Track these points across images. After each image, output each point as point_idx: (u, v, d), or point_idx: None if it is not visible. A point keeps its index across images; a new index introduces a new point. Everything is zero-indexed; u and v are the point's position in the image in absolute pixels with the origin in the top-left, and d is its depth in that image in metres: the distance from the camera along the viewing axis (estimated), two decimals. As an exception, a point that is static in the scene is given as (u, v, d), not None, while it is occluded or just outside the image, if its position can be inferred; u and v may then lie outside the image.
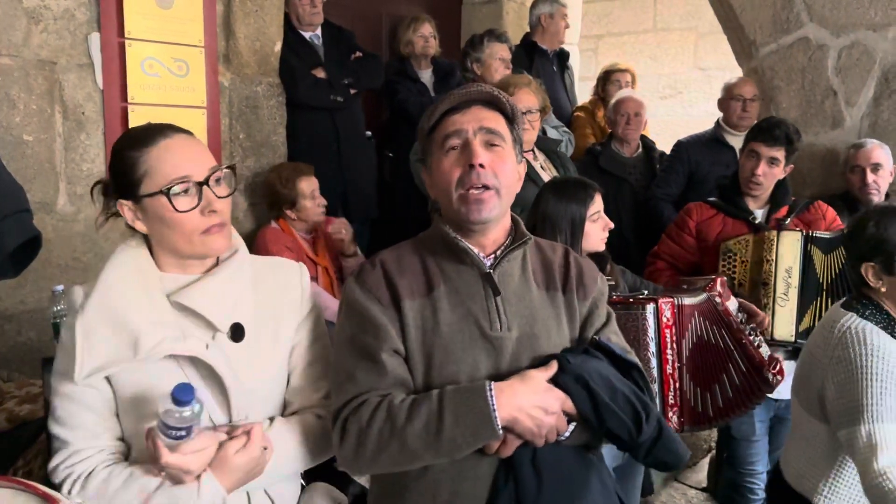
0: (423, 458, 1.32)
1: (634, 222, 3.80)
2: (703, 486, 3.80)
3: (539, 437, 1.32)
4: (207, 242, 1.38)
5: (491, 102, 1.44)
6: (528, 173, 2.90)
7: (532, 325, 1.41)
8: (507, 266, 1.44)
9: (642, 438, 1.35)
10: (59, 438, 1.35)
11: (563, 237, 2.21)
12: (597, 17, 7.38)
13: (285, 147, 3.46)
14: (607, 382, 1.35)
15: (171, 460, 1.24)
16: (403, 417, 1.30)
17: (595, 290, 1.51)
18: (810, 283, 2.52)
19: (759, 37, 3.58)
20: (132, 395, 1.35)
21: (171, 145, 1.35)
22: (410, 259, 1.46)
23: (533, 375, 1.34)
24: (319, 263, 3.26)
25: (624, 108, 3.92)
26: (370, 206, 3.93)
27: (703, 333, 2.16)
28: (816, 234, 2.57)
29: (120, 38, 2.83)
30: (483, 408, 1.28)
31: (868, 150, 3.10)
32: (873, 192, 3.08)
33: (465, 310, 1.40)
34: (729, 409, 2.15)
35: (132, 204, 1.36)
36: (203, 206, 1.35)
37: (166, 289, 1.38)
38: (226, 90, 3.19)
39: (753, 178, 2.68)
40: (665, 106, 7.11)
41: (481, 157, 1.38)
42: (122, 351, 1.31)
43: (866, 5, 3.26)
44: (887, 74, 3.23)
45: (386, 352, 1.36)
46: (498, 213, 1.42)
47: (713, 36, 6.33)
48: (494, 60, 3.92)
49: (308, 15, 3.58)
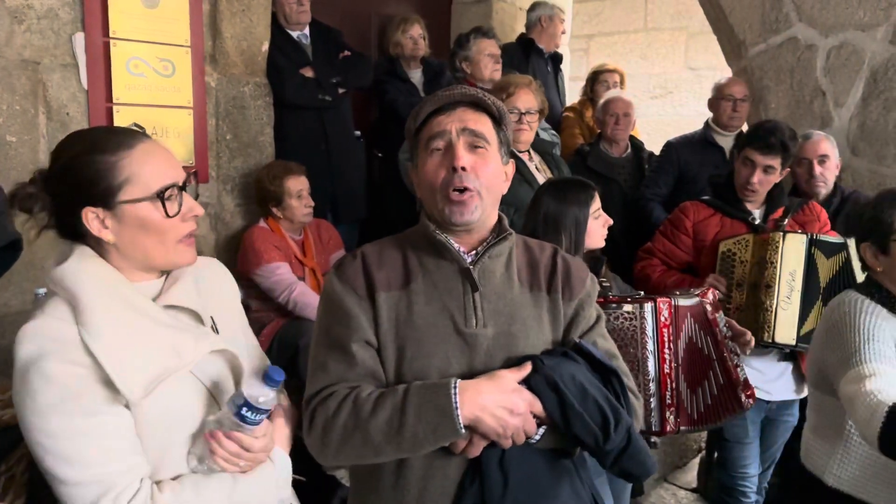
0: (386, 452, 1.31)
1: (623, 223, 3.79)
2: (692, 486, 3.80)
3: (504, 438, 1.31)
4: (182, 252, 1.34)
5: (476, 104, 1.44)
6: (524, 174, 2.92)
7: (510, 324, 1.40)
8: (490, 263, 1.43)
9: (609, 447, 1.33)
10: (82, 484, 1.17)
11: (568, 238, 2.22)
12: (587, 16, 7.39)
13: (273, 147, 3.44)
14: (579, 387, 1.33)
15: (261, 445, 1.27)
16: (368, 410, 1.30)
17: (582, 291, 1.49)
18: (812, 287, 2.51)
19: (749, 37, 3.58)
20: (160, 408, 1.24)
21: (151, 149, 1.30)
22: (392, 252, 1.46)
23: (502, 375, 1.33)
24: (307, 265, 3.25)
25: (613, 109, 3.92)
26: (359, 207, 3.91)
27: (693, 336, 2.16)
28: (821, 237, 2.55)
29: (105, 38, 2.80)
30: (445, 405, 1.28)
31: (815, 141, 3.06)
32: (820, 184, 3.04)
33: (441, 304, 1.40)
34: (704, 417, 2.15)
35: (102, 211, 1.26)
36: (184, 211, 1.32)
37: (148, 295, 1.34)
38: (212, 90, 3.17)
39: (749, 185, 2.66)
40: (655, 106, 7.12)
41: (464, 159, 1.38)
42: (167, 360, 1.24)
43: (855, 6, 3.26)
44: (876, 75, 3.24)
45: (357, 342, 1.37)
46: (480, 215, 1.42)
47: (703, 36, 6.34)
48: (483, 56, 3.91)
49: (295, 14, 3.56)
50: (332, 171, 3.67)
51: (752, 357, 2.66)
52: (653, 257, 2.86)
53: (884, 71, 3.21)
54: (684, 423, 2.13)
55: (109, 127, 1.41)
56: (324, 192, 3.52)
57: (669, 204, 3.76)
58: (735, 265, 2.63)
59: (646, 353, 2.08)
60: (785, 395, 2.71)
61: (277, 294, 3.06)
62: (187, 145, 3.07)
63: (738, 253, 2.64)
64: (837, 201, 3.09)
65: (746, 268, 2.61)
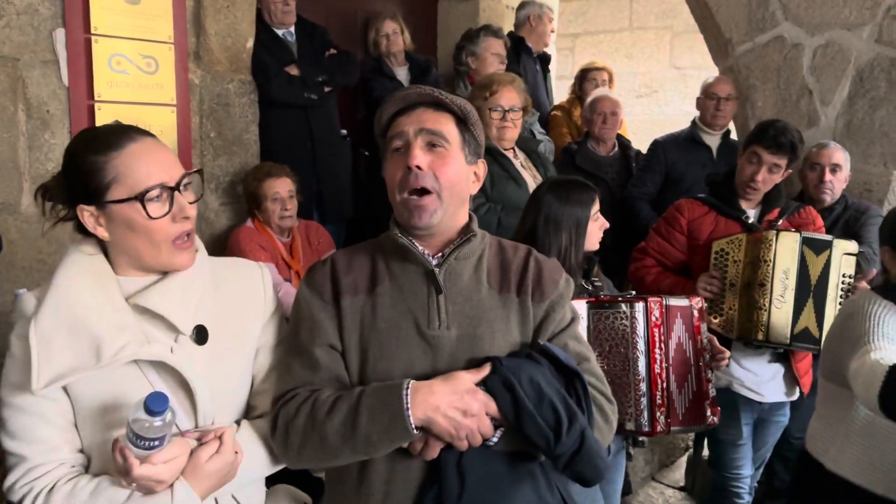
0: (343, 453, 1.32)
1: (611, 221, 3.77)
2: (680, 485, 3.81)
3: (458, 440, 1.30)
4: (175, 256, 1.35)
5: (437, 104, 1.43)
6: (509, 171, 2.91)
7: (475, 326, 1.40)
8: (456, 265, 1.43)
9: (559, 450, 1.31)
10: (14, 454, 1.29)
11: (568, 238, 2.21)
12: (573, 15, 7.39)
13: (258, 146, 3.40)
14: (536, 388, 1.31)
15: (143, 472, 1.21)
16: (324, 412, 1.31)
17: (554, 292, 1.47)
18: (804, 285, 2.52)
19: (735, 35, 3.58)
20: (93, 404, 1.30)
21: (141, 150, 1.31)
22: (361, 258, 1.48)
23: (458, 376, 1.32)
24: (293, 267, 3.21)
25: (600, 108, 3.92)
26: (345, 206, 3.88)
27: (680, 336, 2.16)
28: (811, 235, 2.57)
29: (86, 34, 2.75)
30: (397, 406, 1.27)
31: (831, 150, 3.10)
32: (827, 191, 3.08)
33: (405, 307, 1.40)
34: (684, 420, 2.14)
35: (95, 209, 1.31)
36: (175, 212, 1.32)
37: (125, 291, 1.34)
38: (196, 88, 3.12)
39: (753, 183, 2.65)
40: (641, 105, 7.14)
41: (418, 158, 1.37)
42: (84, 358, 1.26)
43: (840, 4, 3.27)
44: (861, 74, 3.25)
45: (320, 346, 1.38)
46: (442, 216, 1.41)
47: (688, 35, 6.37)
48: (489, 55, 3.95)
49: (280, 14, 3.53)
50: (318, 170, 3.64)
51: (746, 359, 2.67)
52: (646, 257, 2.84)
53: (869, 70, 3.22)
54: (675, 423, 2.12)
55: (113, 125, 1.40)
56: (310, 190, 3.50)
57: (657, 203, 3.76)
58: (728, 264, 2.63)
59: (637, 353, 2.08)
60: (777, 396, 2.71)
61: (263, 294, 3.02)
62: (171, 143, 3.02)
63: (731, 252, 2.64)
64: (840, 209, 3.12)
65: (739, 267, 2.60)
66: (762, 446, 2.86)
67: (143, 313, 1.33)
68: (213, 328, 1.39)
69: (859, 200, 3.20)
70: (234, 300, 1.45)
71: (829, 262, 2.52)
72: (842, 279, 2.53)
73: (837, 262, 2.52)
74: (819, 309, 2.51)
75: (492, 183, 2.86)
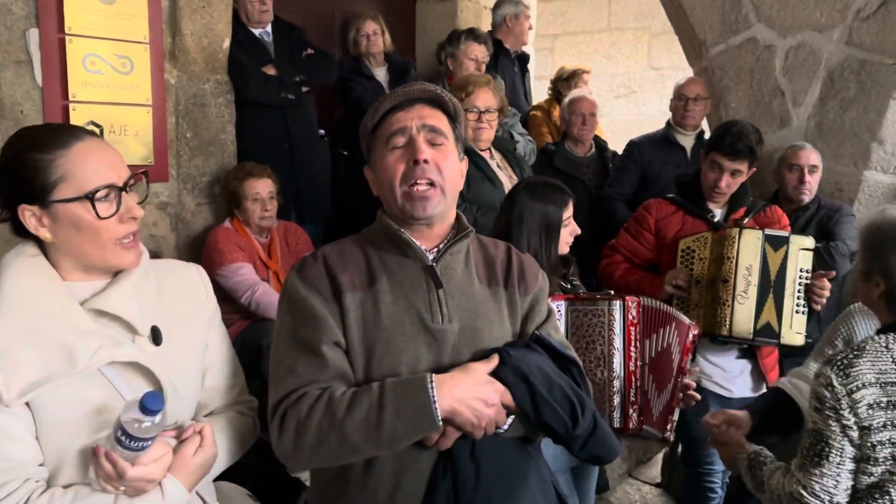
0: (364, 450, 1.32)
1: (588, 222, 3.82)
2: (657, 481, 3.84)
3: (479, 430, 1.34)
4: (120, 255, 1.33)
5: (434, 101, 1.47)
6: (485, 172, 2.92)
7: (474, 319, 1.43)
8: (450, 260, 1.46)
9: (578, 432, 1.38)
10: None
11: (538, 238, 2.23)
12: (552, 16, 7.43)
13: (234, 146, 3.39)
14: (546, 376, 1.37)
15: (136, 473, 1.21)
16: (343, 409, 1.30)
17: (536, 286, 1.54)
18: (765, 281, 2.57)
19: (709, 37, 3.62)
20: (60, 413, 1.25)
21: (89, 149, 1.29)
22: (353, 252, 1.47)
23: (475, 368, 1.36)
24: (271, 267, 3.21)
25: (579, 109, 3.95)
26: (324, 206, 3.88)
27: (670, 345, 2.18)
28: (771, 232, 2.62)
29: (60, 34, 2.74)
30: (423, 399, 1.29)
31: (807, 151, 3.19)
32: (806, 191, 3.17)
33: (407, 302, 1.41)
34: (652, 422, 2.17)
35: (38, 209, 1.27)
36: (122, 212, 1.31)
37: (77, 297, 1.31)
38: (172, 88, 3.11)
39: (717, 189, 2.70)
40: (619, 105, 7.19)
41: (426, 152, 1.40)
42: (55, 365, 1.23)
43: (811, 7, 3.32)
44: (832, 75, 3.30)
45: (327, 344, 1.36)
46: (442, 209, 1.44)
47: (665, 36, 6.41)
48: (467, 59, 3.97)
49: (257, 14, 3.51)
50: (296, 170, 3.64)
51: (713, 354, 2.71)
52: (616, 254, 2.88)
53: (840, 71, 3.27)
54: (648, 422, 2.14)
55: (55, 124, 1.39)
56: (287, 191, 3.49)
57: (633, 203, 3.79)
58: (694, 262, 2.68)
59: (612, 351, 2.10)
60: (745, 392, 2.76)
61: (240, 294, 3.02)
62: (146, 144, 3.02)
63: (696, 250, 2.68)
64: (814, 208, 3.21)
65: (705, 264, 2.65)
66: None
67: (98, 317, 1.31)
68: (165, 329, 1.39)
69: (832, 200, 3.26)
70: (179, 301, 1.45)
71: (786, 258, 2.57)
72: (799, 273, 2.59)
73: (795, 258, 2.58)
74: (778, 303, 2.56)
75: (468, 183, 2.87)
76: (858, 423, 1.55)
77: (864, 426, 1.55)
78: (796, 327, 2.57)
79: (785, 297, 2.57)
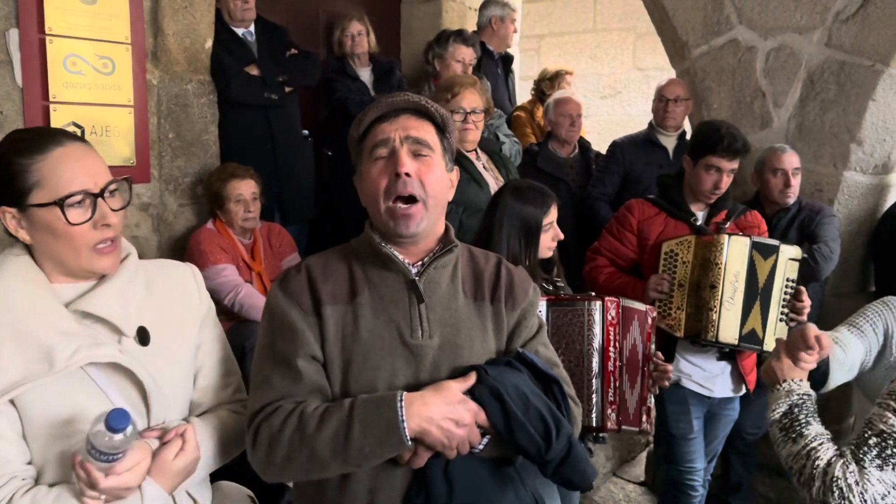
0: (332, 466, 1.31)
1: (572, 222, 3.84)
2: (640, 480, 3.87)
3: (450, 449, 1.32)
4: (95, 261, 1.34)
5: (420, 111, 1.43)
6: (471, 173, 2.93)
7: (455, 335, 1.40)
8: (435, 274, 1.43)
9: (550, 456, 1.34)
10: None
11: (517, 241, 2.23)
12: (538, 16, 7.44)
13: (217, 146, 3.38)
14: (522, 396, 1.34)
15: (109, 484, 1.21)
16: (314, 425, 1.29)
17: (525, 300, 1.50)
18: (752, 288, 2.58)
19: (691, 38, 3.64)
20: (45, 414, 1.27)
21: (66, 155, 1.30)
22: (337, 265, 1.44)
23: (448, 386, 1.33)
24: (254, 269, 3.21)
25: (566, 110, 3.96)
26: (307, 207, 3.88)
27: (636, 339, 2.20)
28: (760, 239, 2.63)
29: (40, 35, 2.72)
30: (392, 418, 1.27)
31: (789, 154, 3.19)
32: (791, 194, 3.18)
33: (387, 317, 1.39)
34: (630, 420, 2.18)
35: (16, 212, 1.30)
36: (96, 219, 1.31)
37: (63, 298, 1.33)
38: (154, 88, 3.10)
39: (717, 191, 2.71)
40: (605, 105, 7.22)
41: (407, 165, 1.36)
42: (34, 366, 1.24)
43: (792, 9, 3.34)
44: (812, 76, 3.32)
45: (303, 358, 1.35)
46: (426, 226, 1.41)
47: (651, 37, 6.42)
48: (454, 61, 3.94)
49: (240, 12, 3.51)
50: (279, 171, 3.63)
51: (694, 355, 2.73)
52: (599, 256, 2.89)
53: (820, 73, 3.30)
54: (626, 421, 2.16)
55: (44, 129, 1.40)
56: (271, 191, 3.49)
57: (616, 203, 3.81)
58: (677, 265, 2.68)
59: (591, 350, 2.12)
60: (725, 392, 2.78)
61: (223, 296, 3.01)
62: (128, 144, 3.00)
63: (680, 253, 2.68)
64: (795, 209, 3.23)
65: (688, 268, 2.65)
66: (713, 440, 2.92)
67: (83, 318, 1.32)
68: (153, 329, 1.39)
69: (812, 201, 3.28)
70: (170, 301, 1.45)
71: (775, 266, 2.58)
72: (786, 283, 2.60)
73: (783, 267, 2.59)
74: (764, 311, 2.58)
75: (454, 184, 2.89)
76: None
77: None
78: (779, 335, 2.59)
79: (771, 306, 2.58)
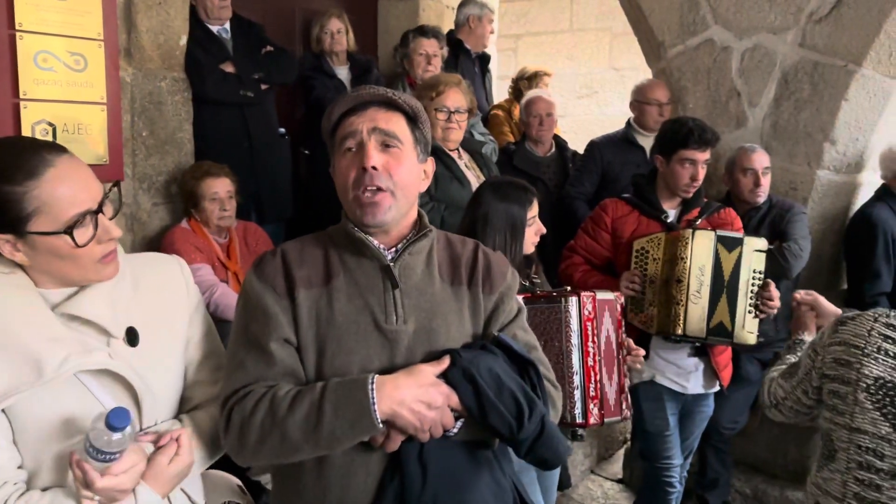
0: (303, 449, 1.32)
1: (550, 221, 3.82)
2: (618, 477, 3.89)
3: (422, 432, 1.33)
4: (101, 271, 1.32)
5: (388, 103, 1.45)
6: (454, 172, 2.94)
7: (431, 320, 1.42)
8: (410, 259, 1.44)
9: (523, 436, 1.36)
10: None
11: (503, 238, 2.24)
12: (515, 16, 7.46)
13: (192, 144, 3.34)
14: (495, 378, 1.35)
15: (105, 484, 1.20)
16: (285, 408, 1.30)
17: (503, 284, 1.51)
18: (718, 281, 2.61)
19: (667, 38, 3.67)
20: (38, 421, 1.26)
21: (60, 176, 1.25)
22: (313, 250, 1.46)
23: (420, 369, 1.35)
24: (230, 268, 3.17)
25: (535, 110, 3.97)
26: (285, 206, 3.85)
27: (608, 330, 2.22)
28: (724, 233, 2.66)
29: (10, 31, 2.66)
30: (362, 400, 1.28)
31: (759, 154, 3.23)
32: (762, 193, 3.22)
33: (362, 302, 1.40)
34: (611, 412, 2.19)
35: (13, 237, 1.25)
36: (100, 234, 1.29)
37: (49, 302, 1.30)
38: (127, 85, 3.05)
39: (694, 183, 2.73)
40: (582, 105, 7.25)
41: (374, 158, 1.38)
42: (23, 376, 1.21)
43: (767, 9, 3.38)
44: (787, 76, 3.36)
45: (275, 341, 1.36)
46: (395, 214, 1.42)
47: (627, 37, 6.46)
48: (416, 55, 3.99)
49: (216, 10, 3.47)
50: (256, 169, 3.60)
51: (667, 351, 2.76)
52: (575, 255, 2.91)
53: (794, 73, 3.34)
54: (608, 414, 2.17)
55: (19, 145, 1.31)
56: (247, 190, 3.45)
57: (594, 202, 3.82)
58: (648, 262, 2.71)
59: (570, 347, 2.13)
60: (698, 389, 2.81)
61: (198, 296, 2.97)
62: (101, 142, 2.95)
63: (651, 251, 2.71)
64: (766, 208, 3.26)
65: (659, 265, 2.68)
66: (689, 436, 2.95)
67: (71, 321, 1.30)
68: (142, 328, 1.38)
69: (783, 199, 3.32)
70: (157, 297, 1.44)
71: (740, 259, 2.62)
72: (752, 275, 2.64)
73: (748, 259, 2.63)
74: (732, 304, 2.61)
75: (436, 182, 2.88)
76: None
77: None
78: (749, 327, 2.62)
79: (738, 298, 2.61)
